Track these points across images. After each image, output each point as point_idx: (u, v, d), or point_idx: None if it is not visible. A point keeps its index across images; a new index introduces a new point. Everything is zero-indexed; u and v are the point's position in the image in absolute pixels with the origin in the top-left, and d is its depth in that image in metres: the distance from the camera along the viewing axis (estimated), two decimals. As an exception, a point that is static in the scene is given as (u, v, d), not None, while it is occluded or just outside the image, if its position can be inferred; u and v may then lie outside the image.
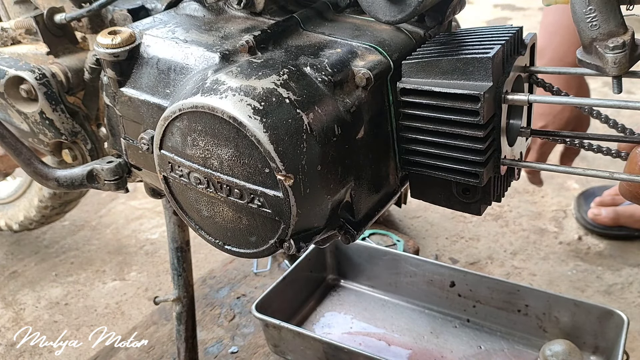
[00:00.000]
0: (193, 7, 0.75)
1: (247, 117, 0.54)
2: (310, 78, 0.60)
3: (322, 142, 0.58)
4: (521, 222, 1.57)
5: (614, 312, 1.07)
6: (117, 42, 0.66)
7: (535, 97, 0.61)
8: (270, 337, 1.15)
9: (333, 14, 0.74)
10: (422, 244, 1.48)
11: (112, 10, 0.84)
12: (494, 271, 1.41)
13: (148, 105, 0.66)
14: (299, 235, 0.60)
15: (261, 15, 0.73)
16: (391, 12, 0.65)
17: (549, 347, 1.04)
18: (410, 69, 0.62)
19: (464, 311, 1.22)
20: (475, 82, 0.59)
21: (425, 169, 0.65)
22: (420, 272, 1.24)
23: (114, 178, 0.77)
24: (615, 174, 0.59)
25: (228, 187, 0.59)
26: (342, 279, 1.35)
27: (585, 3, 0.54)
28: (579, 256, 1.45)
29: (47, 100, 0.86)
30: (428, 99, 0.61)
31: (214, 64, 0.62)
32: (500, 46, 0.60)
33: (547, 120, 1.23)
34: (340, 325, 1.23)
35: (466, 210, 0.68)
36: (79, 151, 0.92)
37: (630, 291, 1.33)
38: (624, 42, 0.54)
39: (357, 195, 0.64)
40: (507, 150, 0.65)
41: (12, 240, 1.62)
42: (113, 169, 0.77)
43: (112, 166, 0.77)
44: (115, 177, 0.77)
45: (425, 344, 1.17)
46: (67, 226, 1.68)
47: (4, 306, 1.40)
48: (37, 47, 0.91)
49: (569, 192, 1.67)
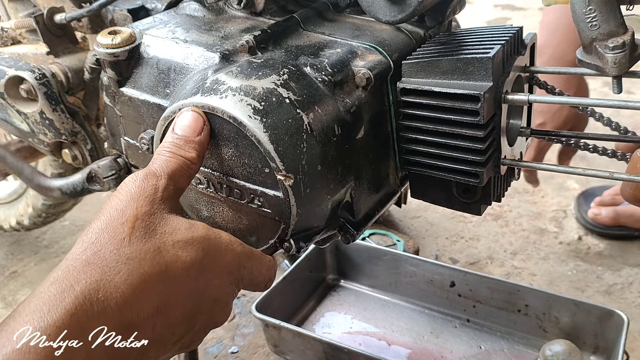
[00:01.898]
0: (193, 7, 0.75)
1: (247, 117, 0.54)
2: (310, 78, 0.60)
3: (322, 142, 0.58)
4: (521, 222, 1.57)
5: (614, 312, 1.07)
6: (117, 42, 0.66)
7: (535, 97, 0.61)
8: (270, 337, 1.15)
9: (333, 14, 0.74)
10: (422, 244, 1.48)
11: (112, 10, 0.84)
12: (494, 271, 1.41)
13: (148, 105, 0.66)
14: (299, 235, 0.60)
15: (261, 15, 0.73)
16: (391, 12, 0.65)
17: (549, 347, 1.04)
18: (411, 69, 0.62)
19: (464, 311, 1.22)
20: (476, 82, 0.59)
21: (425, 169, 0.65)
22: (420, 272, 1.24)
23: (111, 173, 0.77)
24: (615, 174, 0.59)
25: (228, 187, 0.59)
26: (342, 279, 1.35)
27: (585, 3, 0.54)
28: (579, 256, 1.45)
29: (47, 100, 0.86)
30: (428, 99, 0.61)
31: (214, 64, 0.62)
32: (501, 46, 0.60)
33: (546, 117, 1.23)
34: (340, 325, 1.23)
35: (466, 210, 0.68)
36: (78, 151, 0.92)
37: (630, 291, 1.33)
38: (623, 42, 0.54)
39: (357, 195, 0.64)
40: (507, 150, 0.65)
41: (12, 240, 1.62)
42: (108, 164, 0.77)
43: (107, 162, 0.77)
44: (112, 172, 0.77)
45: (425, 344, 1.17)
46: (67, 226, 1.68)
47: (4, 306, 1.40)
48: (37, 47, 0.91)
49: (569, 192, 1.67)
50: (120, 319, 0.44)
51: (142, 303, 0.45)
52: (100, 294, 0.43)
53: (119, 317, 0.44)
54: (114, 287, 0.44)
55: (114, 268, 0.45)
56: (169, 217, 0.49)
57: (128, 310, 0.44)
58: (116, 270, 0.45)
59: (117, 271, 0.45)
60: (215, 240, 0.51)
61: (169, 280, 0.47)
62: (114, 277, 0.44)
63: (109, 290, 0.44)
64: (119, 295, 0.44)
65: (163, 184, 0.50)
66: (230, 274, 0.52)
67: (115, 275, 0.44)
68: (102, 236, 0.46)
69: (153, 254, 0.46)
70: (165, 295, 0.47)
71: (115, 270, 0.45)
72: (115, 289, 0.44)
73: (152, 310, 0.46)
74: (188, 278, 0.48)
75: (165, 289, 0.47)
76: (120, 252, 0.45)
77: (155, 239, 0.47)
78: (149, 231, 0.47)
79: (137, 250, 0.46)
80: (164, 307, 0.47)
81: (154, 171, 0.51)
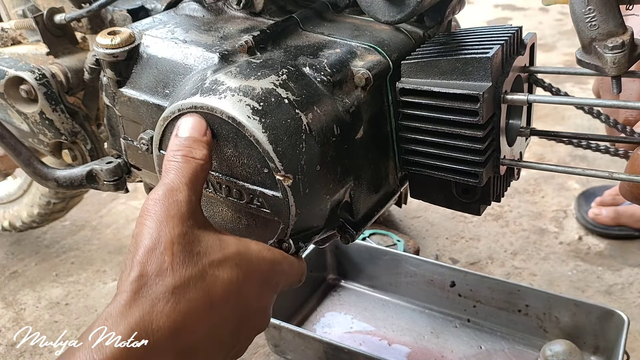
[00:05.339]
0: (192, 7, 0.75)
1: (246, 117, 0.54)
2: (310, 78, 0.60)
3: (321, 142, 0.58)
4: (521, 222, 1.57)
5: (614, 312, 1.07)
6: (117, 42, 0.66)
7: (534, 97, 0.61)
8: (271, 337, 1.15)
9: (332, 14, 0.74)
10: (422, 244, 1.48)
11: (111, 10, 0.84)
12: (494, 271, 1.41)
13: (147, 106, 0.66)
14: (298, 235, 0.60)
15: (260, 15, 0.73)
16: (390, 12, 0.65)
17: (550, 347, 1.04)
18: (410, 69, 0.62)
19: (464, 311, 1.22)
20: (475, 82, 0.59)
21: (425, 169, 0.65)
22: (420, 272, 1.24)
23: (113, 179, 0.77)
24: (615, 174, 0.59)
25: (227, 187, 0.59)
26: (343, 279, 1.35)
27: (584, 3, 0.54)
28: (580, 256, 1.44)
29: (47, 100, 0.86)
30: (427, 99, 0.61)
31: (213, 64, 0.62)
32: (500, 46, 0.60)
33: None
34: (340, 325, 1.23)
35: (466, 210, 0.68)
36: (78, 151, 0.92)
37: (631, 291, 1.33)
38: (623, 42, 0.54)
39: (357, 195, 0.64)
40: (507, 150, 0.65)
41: (12, 240, 1.62)
42: (112, 169, 0.77)
43: (112, 167, 0.77)
44: (115, 178, 0.77)
45: (425, 344, 1.17)
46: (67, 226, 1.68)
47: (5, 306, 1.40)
48: (37, 48, 0.91)
49: (569, 192, 1.67)
50: (175, 346, 0.46)
51: (193, 328, 0.47)
52: (154, 325, 0.45)
53: (173, 344, 0.46)
54: (166, 316, 0.46)
55: (162, 299, 0.46)
56: (200, 234, 0.51)
57: (181, 337, 0.46)
58: (165, 300, 0.46)
59: (166, 301, 0.46)
60: (246, 253, 0.52)
61: (212, 302, 0.49)
62: (164, 307, 0.46)
63: (162, 320, 0.46)
64: (171, 323, 0.46)
65: (185, 197, 0.51)
66: (267, 281, 0.54)
67: (165, 305, 0.46)
68: (145, 269, 0.48)
69: (195, 279, 0.48)
70: (211, 317, 0.49)
71: (165, 300, 0.46)
72: (167, 318, 0.46)
73: (202, 331, 0.48)
74: (229, 295, 0.50)
75: (210, 311, 0.48)
76: (166, 282, 0.47)
77: (193, 262, 0.49)
78: (188, 255, 0.49)
79: (181, 278, 0.48)
80: (212, 327, 0.49)
81: (171, 185, 0.52)
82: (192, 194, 0.52)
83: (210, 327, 0.49)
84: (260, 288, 0.53)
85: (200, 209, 0.53)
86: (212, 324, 0.49)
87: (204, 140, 0.54)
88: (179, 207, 0.50)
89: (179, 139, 0.54)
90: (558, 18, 2.98)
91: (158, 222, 0.49)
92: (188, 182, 0.52)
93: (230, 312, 0.50)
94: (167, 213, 0.50)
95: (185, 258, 0.48)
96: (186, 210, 0.50)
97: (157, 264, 0.48)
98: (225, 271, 0.50)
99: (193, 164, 0.53)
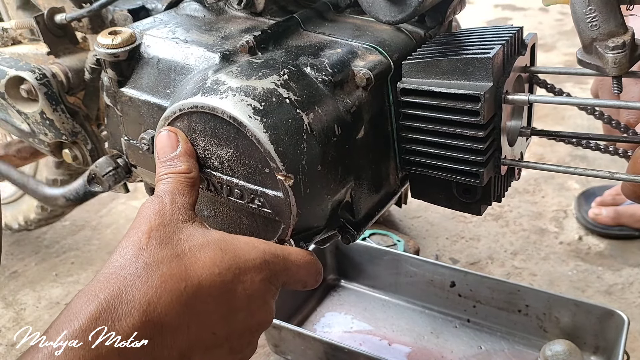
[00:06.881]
0: (193, 7, 0.75)
1: (248, 117, 0.55)
2: (311, 78, 0.60)
3: (322, 142, 0.58)
4: (521, 222, 1.57)
5: (614, 312, 1.07)
6: (118, 42, 0.66)
7: (535, 97, 0.61)
8: (271, 337, 1.15)
9: (333, 14, 0.74)
10: (422, 244, 1.48)
11: (112, 10, 0.84)
12: (494, 271, 1.41)
13: (148, 106, 0.66)
14: (299, 235, 0.60)
15: (261, 15, 0.73)
16: (391, 12, 0.65)
17: (550, 347, 1.04)
18: (411, 69, 0.62)
19: (464, 311, 1.22)
20: (476, 82, 0.59)
21: (426, 169, 0.65)
22: (420, 272, 1.24)
23: (109, 169, 0.77)
24: (616, 174, 0.59)
25: (228, 187, 0.59)
26: (343, 279, 1.35)
27: (585, 3, 0.54)
28: (580, 256, 1.45)
29: (48, 100, 0.86)
30: (428, 99, 0.61)
31: (214, 64, 0.62)
32: (501, 46, 0.60)
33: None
34: (340, 325, 1.23)
35: (466, 211, 0.68)
36: (79, 151, 0.92)
37: (631, 291, 1.33)
38: (624, 42, 0.54)
39: (357, 195, 0.64)
40: (508, 150, 0.65)
41: (12, 240, 1.62)
42: (105, 161, 0.78)
43: (103, 159, 0.78)
44: (110, 168, 0.77)
45: (425, 344, 1.17)
46: (67, 226, 1.68)
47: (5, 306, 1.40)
48: (37, 47, 0.92)
49: (570, 192, 1.67)
50: (147, 319, 0.46)
51: (166, 302, 0.47)
52: (123, 298, 0.46)
53: (145, 316, 0.46)
54: (136, 289, 0.47)
55: (134, 274, 0.48)
56: (183, 225, 0.53)
57: (153, 310, 0.47)
58: (136, 275, 0.48)
59: (137, 276, 0.48)
60: (232, 239, 0.53)
61: (190, 279, 0.49)
62: (135, 281, 0.47)
63: (131, 293, 0.47)
64: (141, 295, 0.47)
65: (169, 199, 0.54)
66: (259, 270, 0.53)
67: (136, 279, 0.48)
68: (122, 251, 0.50)
69: (170, 257, 0.50)
70: (190, 294, 0.49)
71: (136, 275, 0.48)
72: (137, 291, 0.47)
73: (180, 308, 0.48)
74: (211, 275, 0.50)
75: (188, 288, 0.49)
76: (139, 259, 0.49)
77: (171, 245, 0.51)
78: (165, 239, 0.51)
79: (154, 255, 0.49)
80: (193, 305, 0.49)
81: (158, 193, 0.56)
82: (177, 197, 0.55)
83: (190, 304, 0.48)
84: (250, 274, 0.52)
85: (191, 211, 0.55)
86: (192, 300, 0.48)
87: (178, 154, 0.58)
88: (162, 206, 0.53)
89: (158, 162, 0.58)
90: (558, 18, 2.98)
91: (142, 217, 0.53)
92: (172, 190, 0.55)
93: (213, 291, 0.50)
94: (151, 209, 0.53)
95: (162, 241, 0.50)
96: (170, 209, 0.53)
97: (133, 245, 0.50)
98: (206, 253, 0.51)
99: (175, 176, 0.57)
